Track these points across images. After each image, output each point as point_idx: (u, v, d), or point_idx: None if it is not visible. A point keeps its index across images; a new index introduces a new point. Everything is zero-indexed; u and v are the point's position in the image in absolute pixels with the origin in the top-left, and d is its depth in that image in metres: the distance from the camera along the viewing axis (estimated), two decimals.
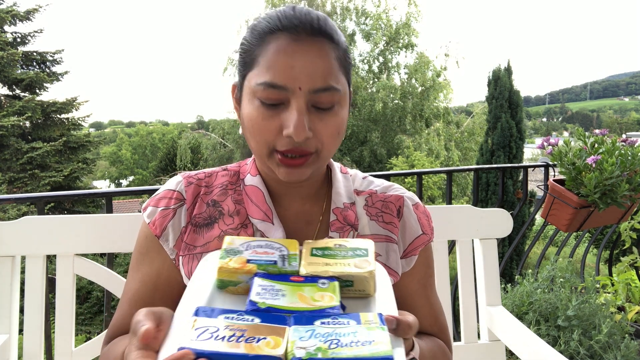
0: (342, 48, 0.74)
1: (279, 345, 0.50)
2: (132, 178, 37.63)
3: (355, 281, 0.63)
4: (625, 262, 2.45)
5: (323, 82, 0.69)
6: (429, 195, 12.51)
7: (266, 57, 0.70)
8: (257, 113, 0.70)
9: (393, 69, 17.01)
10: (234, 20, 31.85)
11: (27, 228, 1.09)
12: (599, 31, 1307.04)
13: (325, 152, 0.74)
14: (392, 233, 0.84)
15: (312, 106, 0.70)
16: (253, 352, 0.49)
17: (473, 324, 1.32)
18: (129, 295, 0.80)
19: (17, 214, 11.13)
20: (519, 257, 7.71)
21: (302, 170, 0.73)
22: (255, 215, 0.80)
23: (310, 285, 0.62)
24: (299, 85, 0.68)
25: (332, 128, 0.72)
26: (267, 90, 0.69)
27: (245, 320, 0.53)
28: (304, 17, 0.71)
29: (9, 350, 1.08)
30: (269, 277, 0.63)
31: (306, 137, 0.69)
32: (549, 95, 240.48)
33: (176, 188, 0.83)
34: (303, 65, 0.68)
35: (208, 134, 17.84)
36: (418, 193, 2.05)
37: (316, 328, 0.54)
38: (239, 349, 0.49)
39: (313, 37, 0.70)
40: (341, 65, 0.73)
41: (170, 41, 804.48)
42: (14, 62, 13.98)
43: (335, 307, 0.58)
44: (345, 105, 0.75)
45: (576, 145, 1.82)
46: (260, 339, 0.51)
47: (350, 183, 0.88)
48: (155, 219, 0.81)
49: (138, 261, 0.82)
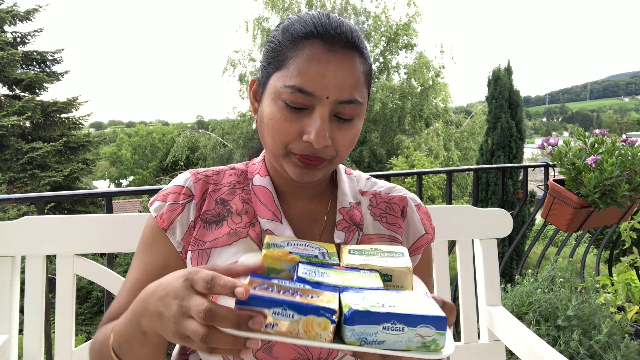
0: (369, 63, 0.78)
1: (332, 302, 0.52)
2: (132, 178, 37.61)
3: (395, 275, 0.66)
4: (625, 262, 2.45)
5: (349, 95, 0.72)
6: (429, 195, 12.51)
7: (298, 61, 0.71)
8: (280, 114, 0.72)
9: (392, 69, 17.01)
10: (234, 20, 31.86)
11: (27, 228, 1.09)
12: (599, 31, 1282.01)
13: (338, 159, 0.77)
14: (397, 233, 0.87)
15: (334, 116, 0.73)
16: (308, 302, 0.51)
17: (473, 324, 1.32)
18: (129, 283, 0.81)
19: (17, 214, 11.13)
20: (519, 257, 7.71)
21: (315, 172, 0.76)
22: (264, 215, 0.82)
23: (354, 272, 0.64)
24: (327, 95, 0.71)
25: (349, 138, 0.75)
26: (295, 94, 0.71)
27: (297, 285, 0.55)
28: (339, 28, 0.73)
29: (9, 350, 1.08)
30: (312, 264, 0.65)
31: (325, 146, 0.72)
32: (549, 95, 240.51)
33: (185, 184, 0.84)
34: (334, 75, 0.71)
35: (208, 133, 17.83)
36: (418, 193, 2.05)
37: (367, 295, 0.55)
38: (295, 299, 0.51)
39: (346, 49, 0.72)
40: (366, 80, 0.77)
41: (170, 41, 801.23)
42: (14, 62, 13.97)
43: (380, 287, 0.60)
44: (362, 117, 0.78)
45: (576, 145, 1.82)
46: (314, 296, 0.53)
47: (355, 183, 0.90)
48: (163, 212, 0.82)
49: (142, 251, 0.83)
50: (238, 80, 16.74)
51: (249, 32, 16.62)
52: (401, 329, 0.50)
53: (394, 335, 0.50)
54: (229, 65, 16.86)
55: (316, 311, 0.50)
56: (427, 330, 0.51)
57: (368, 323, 0.50)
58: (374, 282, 0.61)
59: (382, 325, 0.50)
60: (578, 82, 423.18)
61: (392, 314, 0.50)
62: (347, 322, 0.51)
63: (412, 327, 0.51)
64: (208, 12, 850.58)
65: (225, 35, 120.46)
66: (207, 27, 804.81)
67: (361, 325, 0.50)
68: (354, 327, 0.50)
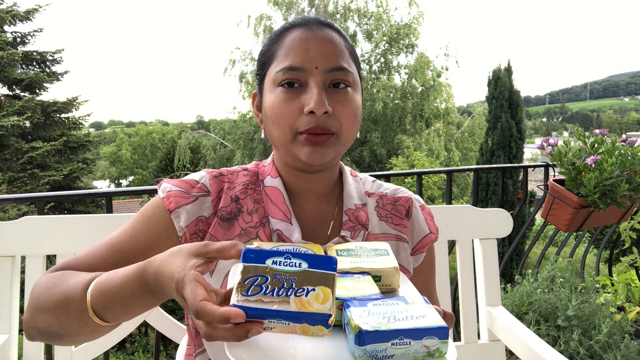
0: (349, 42, 0.83)
1: (328, 299, 0.53)
2: (132, 178, 37.61)
3: (383, 276, 0.70)
4: (625, 262, 2.45)
5: (336, 63, 0.77)
6: (429, 195, 12.50)
7: (283, 47, 0.79)
8: (279, 99, 0.77)
9: (394, 69, 16.99)
10: (234, 19, 31.72)
11: (27, 228, 1.09)
12: (599, 31, 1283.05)
13: (344, 134, 0.79)
14: (403, 233, 0.90)
15: (328, 86, 0.77)
16: (303, 309, 0.52)
17: (473, 324, 1.32)
18: (113, 241, 0.78)
19: (17, 214, 11.14)
20: (519, 257, 7.71)
21: (324, 150, 0.77)
22: (275, 215, 0.83)
23: (349, 278, 0.67)
24: (315, 65, 0.76)
25: (349, 109, 0.78)
26: (286, 73, 0.76)
27: (293, 266, 0.55)
28: (313, 16, 0.82)
29: (9, 350, 1.08)
30: None
31: (326, 111, 0.75)
32: (549, 95, 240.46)
33: (200, 180, 0.85)
34: (317, 47, 0.77)
35: (208, 134, 17.82)
36: (418, 193, 2.05)
37: (371, 308, 0.58)
38: (289, 306, 0.52)
39: (323, 26, 0.80)
40: (350, 55, 0.82)
41: (170, 41, 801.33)
42: (14, 62, 13.98)
43: (379, 294, 0.64)
44: (357, 92, 0.81)
45: (576, 145, 1.81)
46: (309, 290, 0.53)
47: (361, 186, 0.93)
48: (171, 194, 0.82)
49: (138, 221, 0.81)
50: (238, 79, 16.72)
51: (250, 27, 16.59)
52: (408, 342, 0.54)
53: (402, 349, 0.54)
54: (230, 64, 16.85)
55: (310, 320, 0.52)
56: (432, 341, 0.54)
57: (378, 341, 0.53)
58: (370, 289, 0.65)
59: (391, 342, 0.53)
60: (578, 82, 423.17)
61: (399, 330, 0.54)
62: (359, 343, 0.53)
63: (418, 340, 0.54)
64: (208, 12, 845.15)
65: (225, 34, 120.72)
66: (208, 27, 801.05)
67: (372, 344, 0.53)
68: (366, 347, 0.53)
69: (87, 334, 0.68)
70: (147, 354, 8.34)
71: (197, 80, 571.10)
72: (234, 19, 24.70)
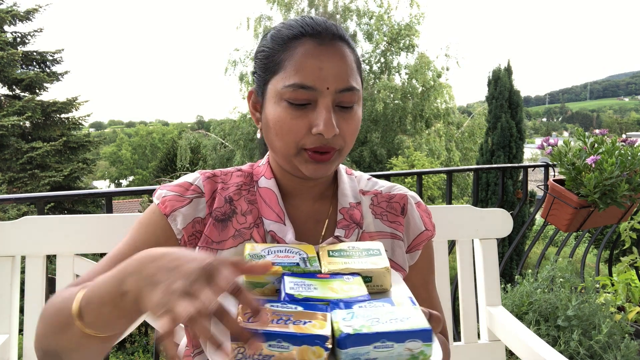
0: (356, 53, 0.82)
1: (324, 327, 0.54)
2: (132, 178, 37.61)
3: (374, 277, 0.69)
4: (625, 262, 2.45)
5: (347, 83, 0.76)
6: (429, 195, 12.50)
7: (293, 60, 0.75)
8: (286, 114, 0.75)
9: (394, 69, 16.98)
10: (235, 19, 31.63)
11: (27, 228, 1.09)
12: (599, 31, 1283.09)
13: (346, 149, 0.80)
14: (398, 230, 0.89)
15: (336, 106, 0.76)
16: (302, 331, 0.53)
17: (473, 324, 1.32)
18: (113, 254, 0.79)
19: (17, 214, 11.14)
20: (519, 257, 7.70)
21: (327, 166, 0.78)
22: (268, 216, 0.83)
23: (338, 280, 0.67)
24: (327, 86, 0.74)
25: (353, 126, 0.79)
26: (296, 91, 0.74)
27: (288, 308, 0.57)
28: (324, 24, 0.78)
29: (9, 350, 1.08)
30: (296, 275, 0.67)
31: (334, 134, 0.74)
32: (549, 95, 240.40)
33: (194, 182, 0.85)
34: (330, 67, 0.74)
35: (208, 134, 17.81)
36: (418, 193, 2.05)
37: (355, 311, 0.58)
38: (288, 329, 0.53)
39: (335, 41, 0.77)
40: (357, 67, 0.80)
41: (170, 41, 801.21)
42: (14, 62, 13.98)
43: (366, 295, 0.64)
44: (360, 104, 0.81)
45: (576, 145, 1.81)
46: (307, 322, 0.55)
47: (356, 184, 0.92)
48: (167, 199, 0.82)
49: (136, 229, 0.82)
50: (239, 79, 16.71)
51: (249, 29, 16.59)
52: (391, 345, 0.53)
53: (385, 352, 0.53)
54: (230, 64, 16.84)
55: (310, 341, 0.52)
56: (415, 343, 0.54)
57: (360, 344, 0.53)
58: (359, 290, 0.64)
59: (373, 345, 0.53)
60: (578, 82, 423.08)
61: (381, 333, 0.53)
62: (340, 346, 0.53)
63: (401, 342, 0.53)
64: (208, 12, 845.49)
65: (225, 34, 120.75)
66: (208, 27, 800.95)
67: (354, 347, 0.53)
68: (347, 350, 0.53)
69: (81, 351, 0.65)
70: (147, 354, 8.34)
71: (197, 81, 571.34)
72: (234, 19, 24.69)
